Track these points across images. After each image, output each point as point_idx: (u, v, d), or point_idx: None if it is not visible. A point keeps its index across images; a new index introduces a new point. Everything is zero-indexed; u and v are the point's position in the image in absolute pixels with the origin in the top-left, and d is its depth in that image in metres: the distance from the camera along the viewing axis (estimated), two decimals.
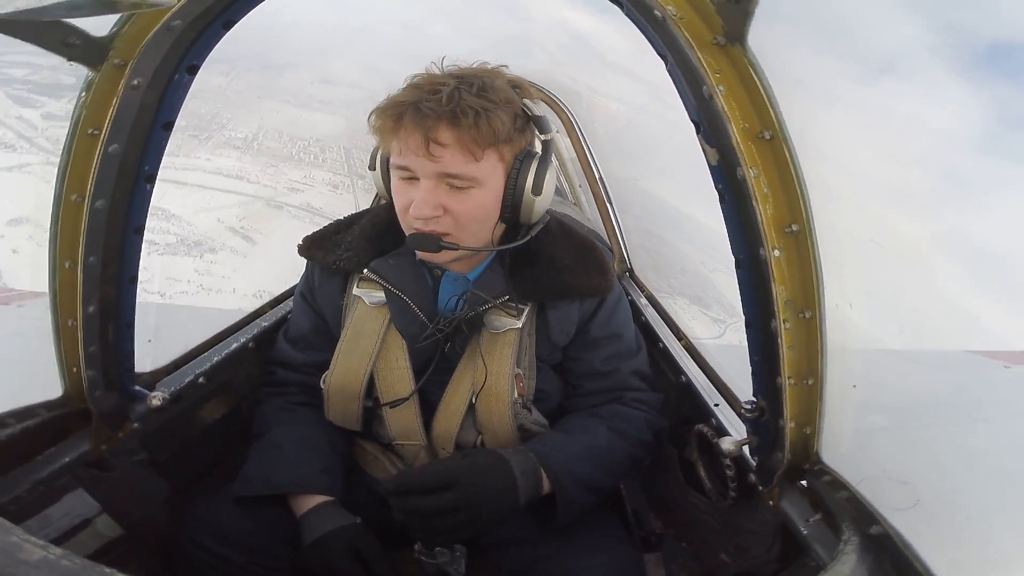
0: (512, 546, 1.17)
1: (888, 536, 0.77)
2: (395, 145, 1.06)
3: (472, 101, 1.02)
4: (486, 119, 1.02)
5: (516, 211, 1.14)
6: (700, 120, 0.80)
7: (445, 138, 1.02)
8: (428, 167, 1.04)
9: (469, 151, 1.03)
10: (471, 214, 1.09)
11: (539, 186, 1.12)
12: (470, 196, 1.08)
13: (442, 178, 1.06)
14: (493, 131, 1.03)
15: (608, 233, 2.50)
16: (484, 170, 1.07)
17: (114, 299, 1.03)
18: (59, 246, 0.96)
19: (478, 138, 1.03)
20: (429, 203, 1.06)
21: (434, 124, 1.01)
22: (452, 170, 1.04)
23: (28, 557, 0.58)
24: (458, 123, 1.01)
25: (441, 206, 1.07)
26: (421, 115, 1.01)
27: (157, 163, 0.98)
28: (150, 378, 1.26)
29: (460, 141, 1.03)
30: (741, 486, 1.08)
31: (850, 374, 0.88)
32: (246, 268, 8.65)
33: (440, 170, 1.04)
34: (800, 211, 0.79)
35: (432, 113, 1.01)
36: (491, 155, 1.07)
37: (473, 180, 1.06)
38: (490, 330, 1.19)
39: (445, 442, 1.25)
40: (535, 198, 1.12)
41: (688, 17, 0.73)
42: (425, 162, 1.04)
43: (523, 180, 1.11)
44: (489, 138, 1.04)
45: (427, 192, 1.06)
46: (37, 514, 1.00)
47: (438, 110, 1.01)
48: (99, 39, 0.84)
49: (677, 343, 1.60)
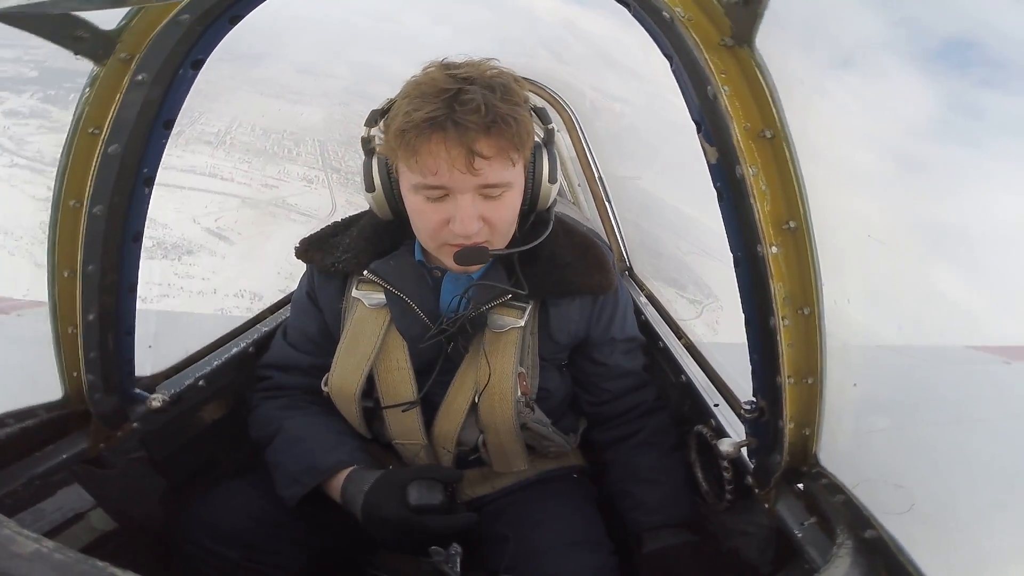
0: (508, 545, 1.17)
1: (882, 540, 0.77)
2: (429, 164, 0.98)
3: (506, 108, 0.98)
4: (523, 125, 1.01)
5: (535, 201, 1.15)
6: (702, 119, 0.80)
7: (488, 150, 0.98)
8: (469, 182, 0.99)
9: (509, 159, 1.02)
10: (507, 218, 1.09)
11: (554, 173, 1.14)
12: (504, 201, 1.06)
13: (479, 190, 1.03)
14: (527, 133, 1.03)
15: (607, 232, 2.50)
16: (516, 173, 1.06)
17: (113, 307, 1.03)
18: (58, 255, 0.96)
19: (516, 144, 1.01)
20: (475, 217, 1.03)
21: (476, 137, 0.96)
22: (492, 180, 1.01)
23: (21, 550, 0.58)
24: (500, 133, 0.97)
25: (482, 218, 1.05)
26: (462, 130, 0.95)
27: (156, 165, 0.98)
28: (150, 381, 1.26)
29: (501, 151, 1.00)
30: (737, 488, 1.08)
31: (849, 372, 0.88)
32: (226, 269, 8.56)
33: (481, 183, 1.00)
34: (798, 208, 0.79)
35: (473, 126, 0.95)
36: (520, 157, 1.06)
37: (508, 185, 1.05)
38: (493, 329, 1.19)
39: (446, 442, 1.25)
40: (552, 185, 1.15)
41: (696, 18, 0.73)
42: (466, 177, 0.98)
43: (540, 171, 1.13)
44: (524, 142, 1.03)
45: (471, 207, 1.02)
46: (31, 507, 1.00)
47: (478, 122, 0.95)
48: (107, 32, 0.84)
49: (677, 342, 1.59)
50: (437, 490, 1.05)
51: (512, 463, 1.28)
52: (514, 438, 1.23)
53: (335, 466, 1.15)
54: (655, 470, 1.26)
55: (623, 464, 1.31)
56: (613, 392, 1.33)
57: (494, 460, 1.28)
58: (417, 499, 1.03)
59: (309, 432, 1.22)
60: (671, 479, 1.24)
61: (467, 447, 1.26)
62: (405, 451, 1.29)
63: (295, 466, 1.17)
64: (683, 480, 1.24)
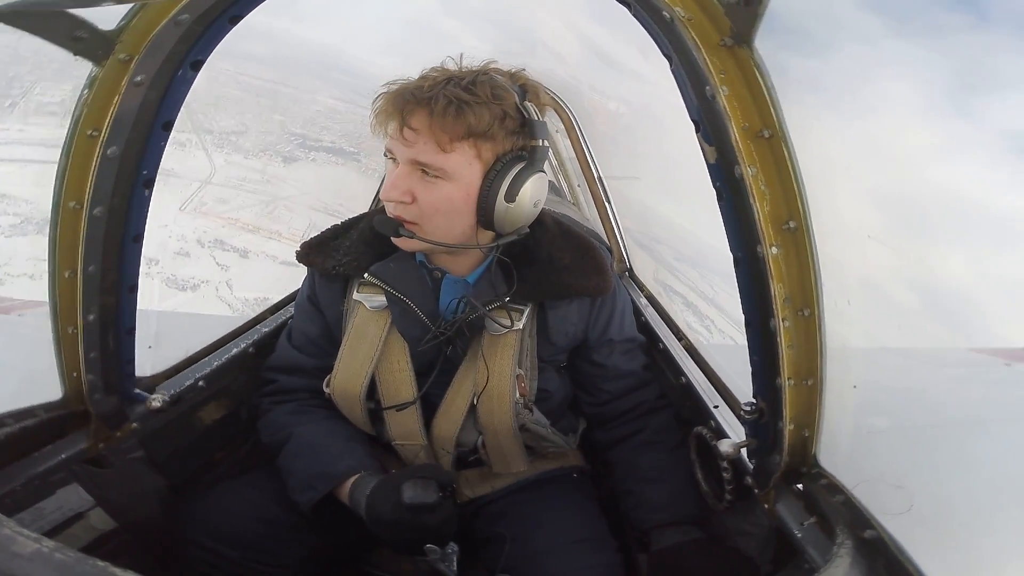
0: (505, 544, 1.17)
1: (882, 540, 0.76)
2: (379, 125, 1.09)
3: (452, 92, 1.02)
4: (459, 110, 1.02)
5: (488, 216, 1.09)
6: (700, 119, 0.80)
7: (417, 123, 1.03)
8: (403, 151, 1.06)
9: (438, 140, 1.03)
10: (435, 206, 1.08)
11: (513, 193, 1.07)
12: (437, 187, 1.07)
13: (415, 165, 1.06)
14: (467, 124, 1.02)
15: (607, 233, 2.49)
16: (454, 163, 1.05)
17: (114, 308, 1.03)
18: (58, 255, 0.96)
19: (447, 128, 1.02)
20: (398, 187, 1.07)
21: (411, 109, 1.03)
22: (422, 158, 1.05)
23: (21, 549, 0.58)
24: (431, 111, 1.02)
25: (410, 192, 1.07)
26: (403, 100, 1.04)
27: (155, 166, 0.98)
28: (150, 382, 1.26)
29: (430, 128, 1.03)
30: (737, 489, 1.07)
31: (849, 374, 0.88)
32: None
33: (412, 156, 1.05)
34: (798, 208, 0.79)
35: (412, 99, 1.03)
36: (464, 149, 1.05)
37: (442, 171, 1.06)
38: (491, 332, 1.19)
39: (445, 443, 1.25)
40: (507, 205, 1.07)
41: (697, 18, 0.73)
42: (400, 146, 1.06)
43: (497, 184, 1.07)
44: (460, 130, 1.03)
45: (398, 177, 1.07)
46: (30, 507, 1.00)
47: (417, 96, 1.03)
48: (106, 32, 0.84)
49: (677, 343, 1.59)
50: (432, 488, 1.06)
51: (511, 464, 1.28)
52: (513, 439, 1.23)
53: (346, 472, 1.16)
54: (659, 468, 1.26)
55: (626, 463, 1.30)
56: (613, 393, 1.33)
57: (493, 461, 1.28)
58: (411, 497, 1.04)
59: (320, 439, 1.23)
60: (676, 477, 1.24)
61: (466, 448, 1.27)
62: (405, 452, 1.29)
63: (308, 472, 1.18)
64: (688, 478, 1.24)
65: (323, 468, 1.17)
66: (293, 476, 1.19)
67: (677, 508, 1.21)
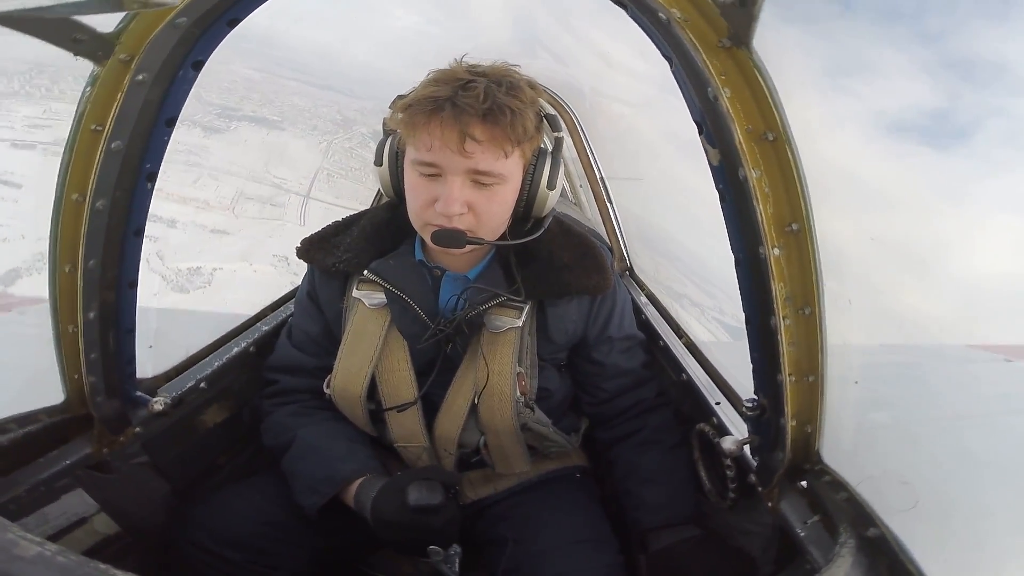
0: (507, 545, 1.17)
1: (885, 539, 0.76)
2: (424, 140, 1.04)
3: (506, 100, 1.02)
4: (514, 116, 1.03)
5: (530, 205, 1.16)
6: (703, 121, 0.80)
7: (480, 135, 1.02)
8: (459, 163, 1.03)
9: (501, 149, 1.04)
10: (494, 211, 1.10)
11: (554, 180, 1.15)
12: (495, 193, 1.08)
13: (470, 175, 1.06)
14: (523, 128, 1.04)
15: (608, 232, 2.50)
16: (510, 167, 1.08)
17: (114, 304, 1.03)
18: (59, 249, 0.96)
19: (511, 136, 1.04)
20: (459, 199, 1.05)
21: (471, 120, 1.01)
22: (483, 167, 1.04)
23: (24, 553, 0.58)
24: (495, 121, 1.01)
25: (466, 203, 1.07)
26: (458, 111, 1.00)
27: (159, 161, 0.98)
28: (152, 383, 1.26)
29: (494, 139, 1.03)
30: (741, 486, 1.07)
31: (851, 371, 0.88)
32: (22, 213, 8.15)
33: (471, 167, 1.04)
34: (801, 210, 0.79)
35: (470, 109, 1.00)
36: (517, 153, 1.08)
37: (500, 177, 1.07)
38: (491, 330, 1.19)
39: (447, 443, 1.25)
40: (549, 192, 1.16)
41: (693, 20, 0.73)
42: (457, 158, 1.03)
43: (539, 175, 1.14)
44: (519, 137, 1.05)
45: (457, 188, 1.05)
46: (35, 512, 1.00)
47: (476, 107, 1.00)
48: (105, 35, 0.84)
49: (678, 341, 1.59)
50: (436, 490, 1.06)
51: (514, 464, 1.28)
52: (515, 439, 1.23)
53: (350, 476, 1.16)
54: (657, 469, 1.26)
55: (625, 463, 1.31)
56: (612, 391, 1.33)
57: (496, 461, 1.28)
58: (416, 499, 1.04)
59: (323, 442, 1.23)
60: (673, 478, 1.24)
61: (468, 449, 1.26)
62: (407, 453, 1.29)
63: (312, 476, 1.18)
64: (686, 478, 1.24)
65: (327, 471, 1.17)
66: (297, 480, 1.19)
67: (675, 509, 1.21)
